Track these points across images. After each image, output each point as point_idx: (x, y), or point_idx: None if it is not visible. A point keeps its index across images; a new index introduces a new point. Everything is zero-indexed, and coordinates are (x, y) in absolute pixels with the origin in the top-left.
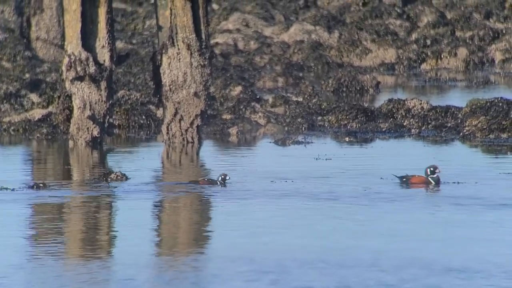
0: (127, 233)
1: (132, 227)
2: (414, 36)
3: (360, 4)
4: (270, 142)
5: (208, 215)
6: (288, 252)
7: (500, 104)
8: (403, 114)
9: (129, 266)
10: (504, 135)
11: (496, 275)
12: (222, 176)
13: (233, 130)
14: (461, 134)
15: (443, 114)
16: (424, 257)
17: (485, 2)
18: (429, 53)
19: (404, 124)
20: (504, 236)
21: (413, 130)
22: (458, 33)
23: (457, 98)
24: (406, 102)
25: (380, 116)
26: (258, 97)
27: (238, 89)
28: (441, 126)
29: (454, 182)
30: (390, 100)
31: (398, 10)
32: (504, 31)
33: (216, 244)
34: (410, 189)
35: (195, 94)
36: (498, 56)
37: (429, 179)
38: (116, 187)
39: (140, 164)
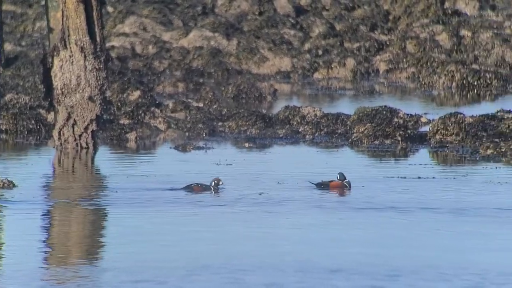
0: (13, 244)
1: (19, 237)
2: (307, 46)
3: (257, 13)
4: (171, 148)
5: (100, 224)
6: (179, 261)
7: (384, 112)
8: (299, 120)
9: (15, 278)
10: (388, 141)
11: (367, 275)
12: (215, 181)
13: (132, 136)
14: (350, 140)
15: (334, 121)
16: (309, 259)
17: (371, 15)
18: (320, 63)
19: (300, 130)
20: (385, 237)
21: (307, 136)
22: (346, 44)
23: (346, 106)
24: (301, 109)
25: (278, 123)
26: (157, 102)
27: (137, 93)
28: (332, 133)
29: None
30: (286, 107)
31: (292, 21)
32: (388, 43)
33: (108, 254)
34: (305, 193)
35: (90, 98)
36: (382, 67)
37: (345, 183)
38: (2, 195)
39: (29, 170)
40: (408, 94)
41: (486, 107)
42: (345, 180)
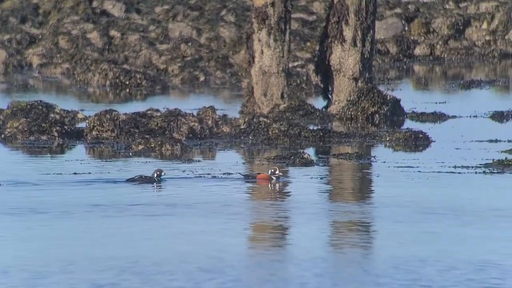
0: None
1: None
2: None
3: None
4: None
5: None
6: None
7: (40, 107)
8: None
9: None
10: (44, 137)
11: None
12: (158, 172)
13: None
14: (3, 135)
15: None
16: None
17: (20, 7)
18: None
19: None
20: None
21: None
22: None
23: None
24: None
25: None
26: None
27: None
28: None
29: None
30: None
31: None
32: (40, 37)
33: None
34: None
35: None
36: (36, 61)
37: (272, 176)
38: None
39: None
40: (64, 90)
41: (138, 106)
42: (275, 174)
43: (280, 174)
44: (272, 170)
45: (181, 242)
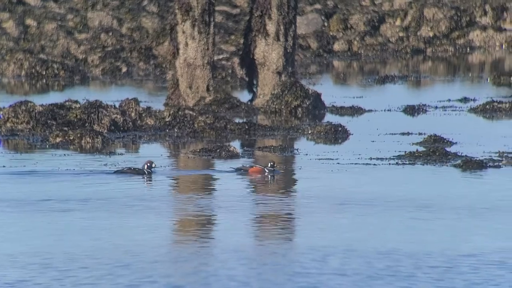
0: None
1: None
2: None
3: None
4: None
5: None
6: None
7: None
8: None
9: None
10: None
11: None
12: (148, 164)
13: None
14: None
15: None
16: None
17: None
18: None
19: None
20: None
21: None
22: None
23: None
24: None
25: None
26: None
27: None
28: None
29: None
30: None
31: None
32: None
33: None
34: None
35: None
36: None
37: (265, 169)
38: None
39: None
40: None
41: (55, 97)
42: (270, 167)
43: (276, 167)
44: (271, 163)
45: (96, 237)
